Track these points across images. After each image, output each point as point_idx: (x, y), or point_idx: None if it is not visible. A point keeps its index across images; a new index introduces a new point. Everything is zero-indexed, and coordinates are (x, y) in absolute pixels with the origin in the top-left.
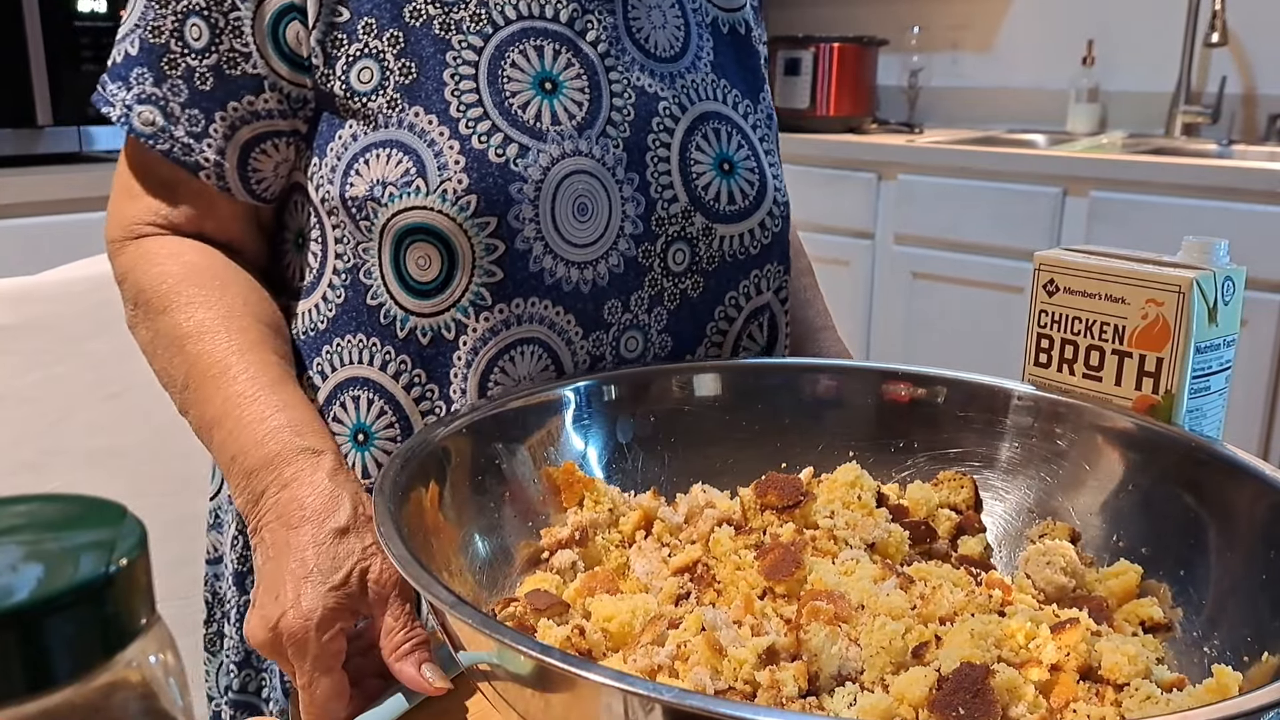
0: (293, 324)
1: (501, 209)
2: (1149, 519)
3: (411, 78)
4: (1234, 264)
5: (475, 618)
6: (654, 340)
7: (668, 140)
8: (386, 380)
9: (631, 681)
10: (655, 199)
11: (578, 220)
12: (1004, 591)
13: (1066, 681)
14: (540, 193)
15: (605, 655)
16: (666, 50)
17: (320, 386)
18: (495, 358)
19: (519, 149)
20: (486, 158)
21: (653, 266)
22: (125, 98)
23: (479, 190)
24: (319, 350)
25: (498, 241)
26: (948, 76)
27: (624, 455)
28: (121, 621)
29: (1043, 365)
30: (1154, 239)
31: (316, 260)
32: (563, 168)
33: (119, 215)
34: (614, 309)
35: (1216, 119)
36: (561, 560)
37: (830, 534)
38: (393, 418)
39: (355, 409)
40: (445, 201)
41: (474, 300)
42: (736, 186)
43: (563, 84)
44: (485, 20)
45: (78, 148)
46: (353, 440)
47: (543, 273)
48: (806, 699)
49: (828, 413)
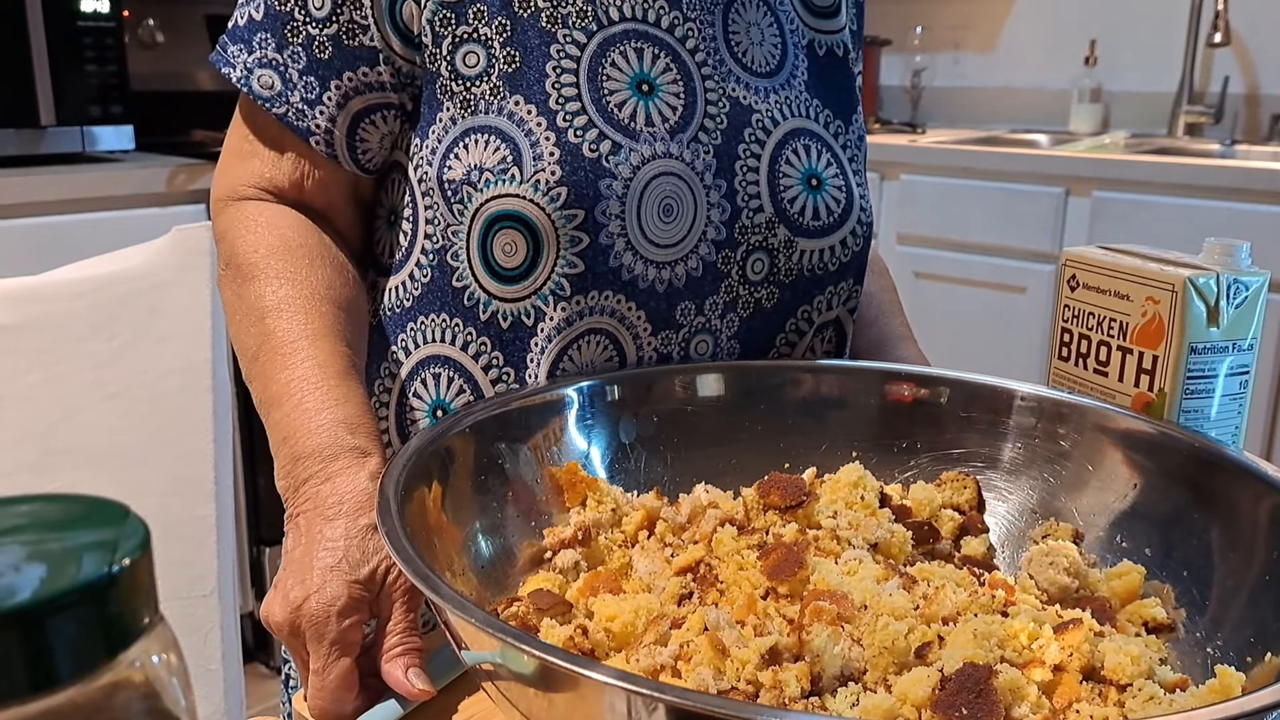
0: (380, 299)
1: (590, 203)
2: (1152, 520)
3: (515, 66)
4: (1256, 268)
5: (479, 617)
6: (723, 345)
7: (758, 151)
8: (466, 360)
9: (635, 681)
10: (741, 207)
11: (662, 221)
12: (1007, 592)
13: (1069, 682)
14: (629, 190)
15: (608, 655)
16: (763, 66)
17: (404, 362)
18: (567, 346)
19: (612, 145)
20: (581, 151)
21: (730, 273)
22: (246, 60)
23: (570, 183)
24: (404, 327)
25: (583, 234)
26: (950, 76)
27: (627, 455)
28: (124, 621)
29: (1064, 359)
30: (1156, 239)
31: (406, 239)
32: (653, 168)
33: (226, 175)
34: (686, 311)
35: (1219, 119)
36: (564, 560)
37: (833, 534)
38: (470, 396)
39: (435, 386)
40: (537, 191)
41: (554, 289)
42: (823, 203)
43: (659, 87)
44: (591, 18)
45: (80, 148)
46: (431, 416)
47: (621, 268)
48: (809, 699)
49: (831, 413)
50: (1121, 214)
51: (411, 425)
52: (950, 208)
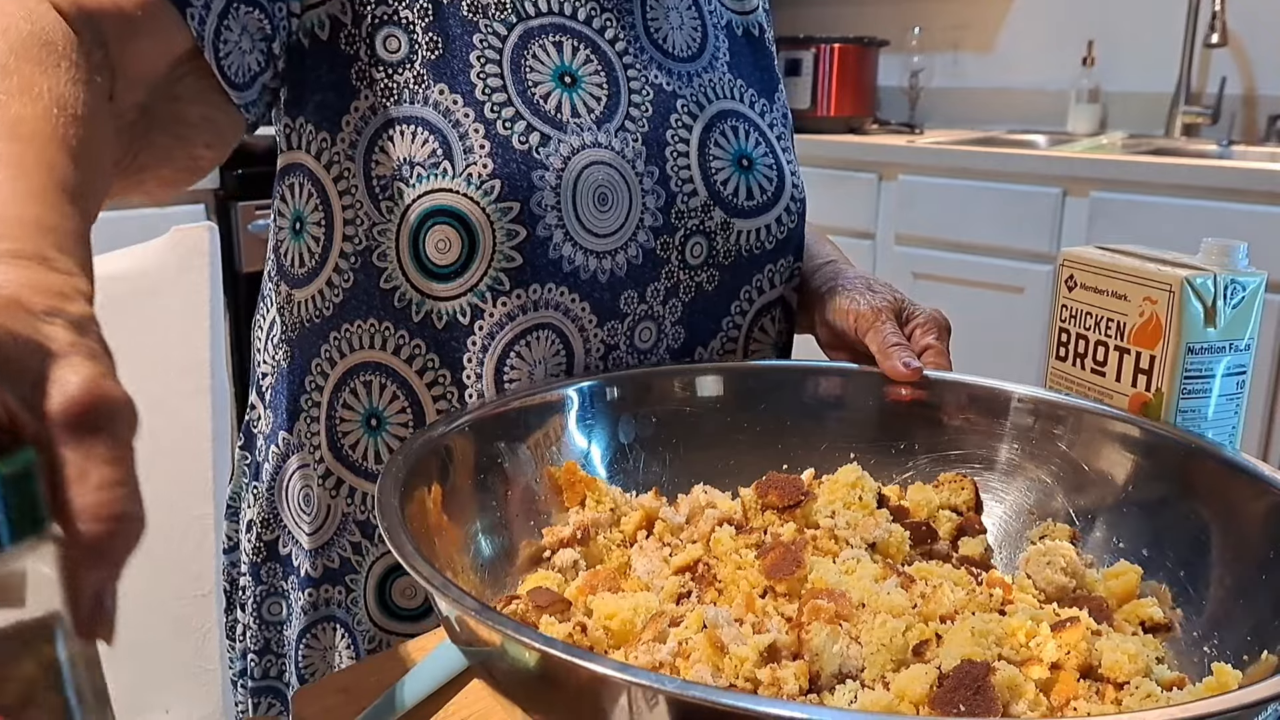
0: (295, 312)
1: (524, 195)
2: (1149, 520)
3: (438, 54)
4: (1254, 269)
5: (481, 611)
6: (667, 332)
7: (686, 136)
8: (399, 365)
9: (635, 673)
10: (675, 192)
11: (598, 210)
12: (1005, 591)
13: (1067, 680)
14: (562, 181)
15: (606, 653)
16: (684, 50)
17: (330, 373)
18: (511, 343)
19: (541, 137)
20: (511, 144)
21: (670, 259)
22: None
23: (503, 175)
24: (326, 337)
25: (519, 227)
26: (948, 77)
27: (626, 455)
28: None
29: (1061, 359)
30: (1154, 239)
31: (319, 245)
32: (583, 158)
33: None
34: (630, 299)
35: (1216, 119)
36: (563, 559)
37: (831, 534)
38: (405, 402)
39: (367, 394)
40: (470, 185)
41: (492, 285)
42: (755, 182)
43: (582, 79)
44: (511, 10)
45: None
46: (365, 425)
47: (561, 260)
48: (807, 697)
49: (829, 414)
50: (1119, 214)
51: (344, 437)
52: (948, 208)
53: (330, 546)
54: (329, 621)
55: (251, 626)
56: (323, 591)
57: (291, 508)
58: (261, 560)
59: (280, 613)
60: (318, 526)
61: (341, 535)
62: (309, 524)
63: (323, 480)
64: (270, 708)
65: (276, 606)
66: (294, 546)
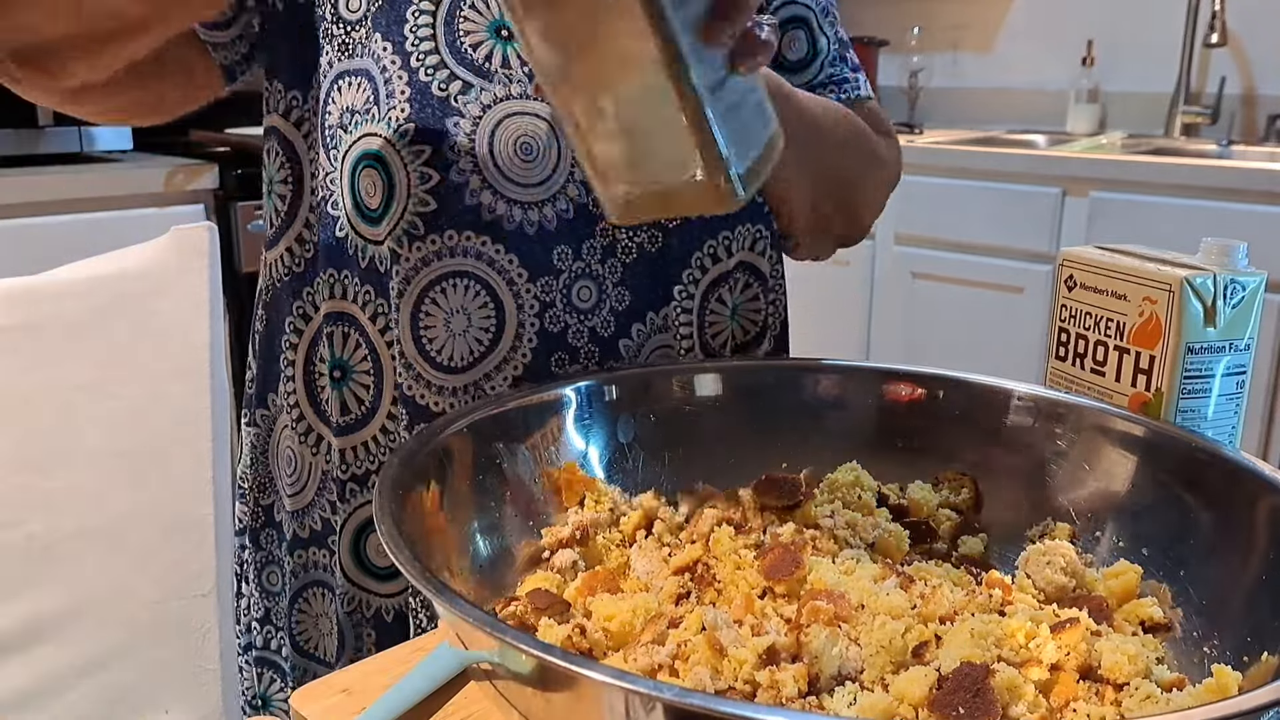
0: (267, 274)
1: (436, 140)
2: (1149, 519)
3: (378, 6)
4: (1253, 268)
5: (477, 617)
6: (609, 293)
7: None
8: (356, 311)
9: (633, 680)
10: None
11: (521, 159)
12: (1004, 591)
13: (1066, 681)
14: (477, 128)
15: (606, 654)
16: None
17: (303, 330)
18: (427, 288)
19: (462, 85)
20: (430, 90)
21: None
22: None
23: (418, 120)
24: (299, 294)
25: (431, 171)
26: (948, 77)
27: (625, 455)
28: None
29: (1061, 359)
30: (1153, 239)
31: (285, 203)
32: (505, 108)
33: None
34: (564, 255)
35: (1216, 119)
36: (562, 560)
37: (830, 534)
38: (365, 350)
39: (331, 346)
40: (389, 129)
41: (408, 229)
42: None
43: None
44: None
45: (79, 148)
46: (330, 378)
47: (480, 208)
48: (806, 699)
49: (828, 413)
50: (1119, 214)
51: (321, 391)
52: (948, 208)
53: (312, 508)
54: (316, 586)
55: (254, 595)
56: (310, 554)
57: (281, 469)
58: (260, 525)
59: (277, 582)
60: (300, 487)
61: (321, 495)
62: (290, 485)
63: (304, 437)
64: (272, 682)
65: (274, 575)
66: (284, 513)
